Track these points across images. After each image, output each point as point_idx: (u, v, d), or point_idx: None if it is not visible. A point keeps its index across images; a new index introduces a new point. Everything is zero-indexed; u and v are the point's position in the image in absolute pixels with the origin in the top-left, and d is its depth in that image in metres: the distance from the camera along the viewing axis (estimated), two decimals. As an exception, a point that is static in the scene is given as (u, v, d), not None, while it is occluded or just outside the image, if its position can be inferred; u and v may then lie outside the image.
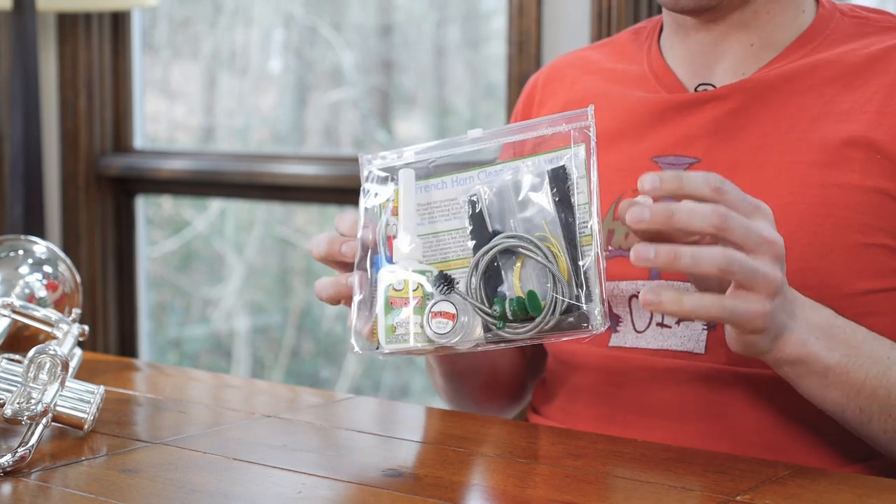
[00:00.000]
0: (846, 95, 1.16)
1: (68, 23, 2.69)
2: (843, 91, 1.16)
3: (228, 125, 3.01)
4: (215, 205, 3.12)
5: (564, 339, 0.97)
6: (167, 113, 3.06)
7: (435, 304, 0.99)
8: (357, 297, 1.05)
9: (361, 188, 1.07)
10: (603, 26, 2.02)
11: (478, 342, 0.99)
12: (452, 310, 0.98)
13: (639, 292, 1.17)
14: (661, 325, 1.16)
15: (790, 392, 1.13)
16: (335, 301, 1.11)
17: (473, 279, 0.99)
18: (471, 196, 1.01)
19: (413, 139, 2.83)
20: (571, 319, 0.96)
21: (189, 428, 1.11)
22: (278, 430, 1.11)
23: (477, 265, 0.99)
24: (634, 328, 1.18)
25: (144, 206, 2.86)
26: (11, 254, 1.28)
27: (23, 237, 1.31)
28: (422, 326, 1.00)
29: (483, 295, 0.99)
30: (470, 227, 1.01)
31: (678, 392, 1.15)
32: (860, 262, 1.11)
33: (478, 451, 1.02)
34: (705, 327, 1.14)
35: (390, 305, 1.01)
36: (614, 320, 1.19)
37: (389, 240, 1.03)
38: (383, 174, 1.06)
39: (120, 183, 2.78)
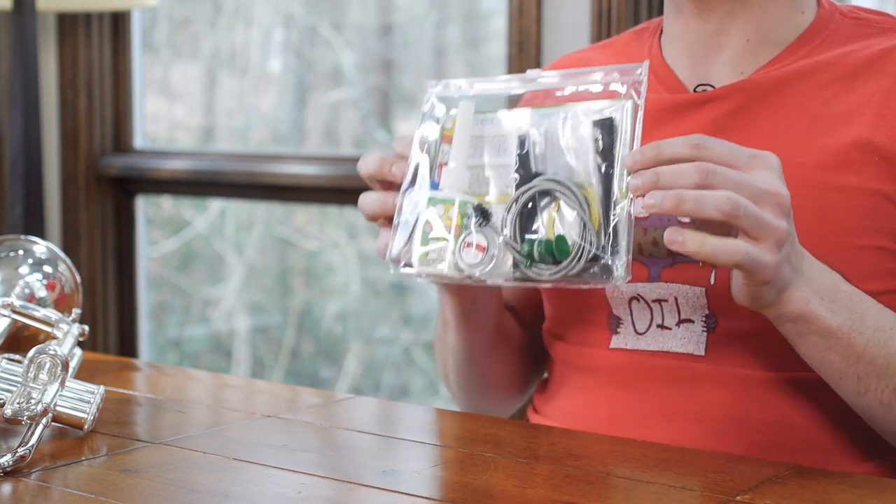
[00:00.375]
0: (845, 97, 1.16)
1: (68, 23, 2.69)
2: (842, 93, 1.16)
3: (228, 125, 3.01)
4: (215, 205, 3.12)
5: (586, 286, 0.99)
6: (167, 113, 3.06)
7: (468, 234, 1.02)
8: (399, 218, 1.07)
9: (421, 112, 1.10)
10: (603, 26, 2.02)
11: (505, 277, 1.02)
12: (484, 242, 1.02)
13: (638, 294, 1.17)
14: (661, 326, 1.16)
15: (790, 393, 1.13)
16: (375, 217, 1.13)
17: (509, 215, 1.02)
18: (520, 135, 1.04)
19: (413, 139, 2.83)
20: (595, 269, 0.98)
21: (189, 428, 1.11)
22: (278, 430, 1.11)
23: (516, 201, 1.02)
24: (635, 330, 1.18)
25: (144, 206, 2.86)
26: (11, 254, 1.28)
27: (23, 237, 1.31)
28: (454, 254, 1.03)
29: (516, 232, 1.01)
30: (515, 165, 1.03)
31: (678, 393, 1.15)
32: (859, 264, 1.11)
33: (478, 451, 1.02)
34: (705, 329, 1.14)
35: (427, 230, 1.04)
36: (615, 322, 1.19)
37: (441, 166, 1.06)
38: (443, 102, 1.09)
39: (120, 183, 2.78)
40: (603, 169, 0.99)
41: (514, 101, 1.17)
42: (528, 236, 1.01)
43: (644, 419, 1.17)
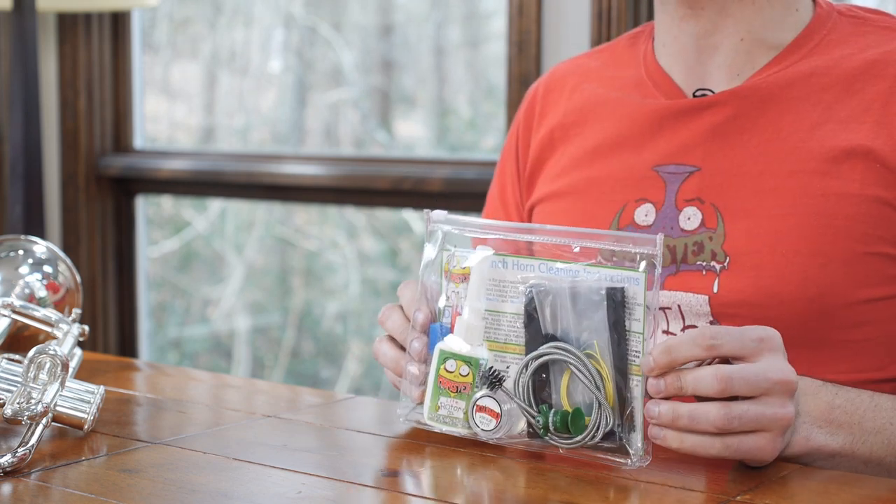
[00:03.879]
0: (845, 102, 1.16)
1: (68, 23, 2.69)
2: (842, 97, 1.16)
3: (228, 125, 3.01)
4: (215, 205, 3.12)
5: (602, 459, 0.98)
6: (167, 113, 3.06)
7: (480, 398, 1.01)
8: (410, 367, 1.06)
9: (425, 244, 1.08)
10: (603, 26, 2.02)
11: (520, 436, 1.01)
12: (497, 408, 1.01)
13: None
14: (666, 332, 1.16)
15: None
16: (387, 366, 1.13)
17: (522, 380, 1.00)
18: (528, 288, 1.01)
19: (413, 139, 2.83)
20: (612, 445, 0.97)
21: (189, 428, 1.11)
22: (278, 430, 1.11)
23: (527, 367, 1.00)
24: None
25: (144, 206, 2.86)
26: (11, 254, 1.28)
27: (23, 237, 1.31)
28: (465, 413, 1.02)
29: (530, 396, 1.00)
30: (525, 321, 1.01)
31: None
32: (860, 271, 1.11)
33: (478, 452, 1.02)
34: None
35: (439, 385, 1.03)
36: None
37: (454, 314, 1.04)
38: (449, 237, 1.07)
39: (120, 183, 2.78)
40: (615, 341, 0.97)
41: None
42: (542, 406, 0.99)
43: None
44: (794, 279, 1.11)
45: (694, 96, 1.22)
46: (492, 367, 1.02)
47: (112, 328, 2.78)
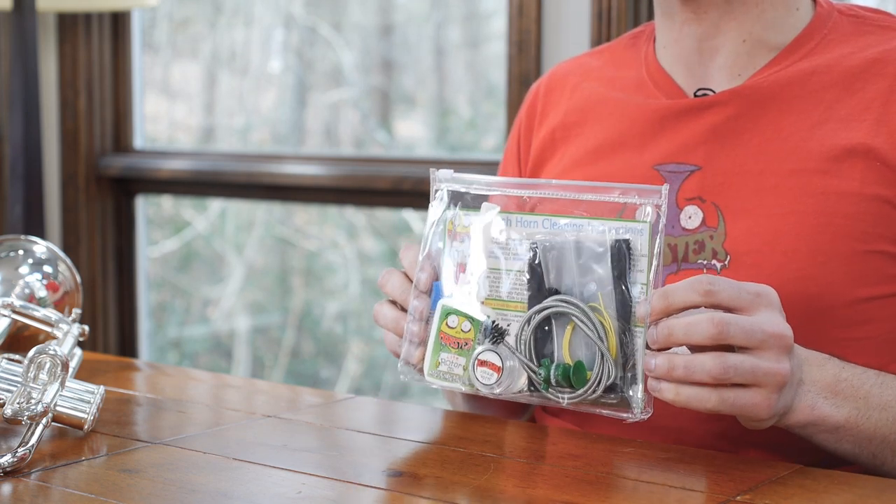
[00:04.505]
0: (845, 101, 1.16)
1: (68, 23, 2.69)
2: (842, 96, 1.16)
3: (228, 125, 3.01)
4: (215, 205, 3.12)
5: (604, 413, 0.98)
6: (167, 113, 3.06)
7: (482, 352, 1.01)
8: (411, 325, 1.06)
9: (431, 203, 1.07)
10: (603, 26, 2.02)
11: (520, 392, 1.01)
12: (499, 362, 1.00)
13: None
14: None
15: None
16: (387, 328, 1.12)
17: (524, 334, 1.00)
18: (532, 244, 1.01)
19: (413, 139, 2.83)
20: (613, 399, 0.97)
21: (189, 428, 1.11)
22: (278, 430, 1.11)
23: (529, 321, 1.00)
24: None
25: (144, 206, 2.86)
26: (11, 254, 1.28)
27: (23, 237, 1.31)
28: (465, 369, 1.02)
29: (532, 351, 1.00)
30: (527, 277, 1.01)
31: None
32: (860, 269, 1.11)
33: (478, 451, 1.02)
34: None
35: (440, 341, 1.03)
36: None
37: (461, 267, 1.04)
38: (453, 195, 1.07)
39: (120, 183, 2.78)
40: (619, 293, 0.97)
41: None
42: (544, 359, 0.99)
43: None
44: (794, 277, 1.11)
45: (695, 96, 1.22)
46: (494, 322, 1.01)
47: (112, 328, 2.78)
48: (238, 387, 1.40)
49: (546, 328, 1.00)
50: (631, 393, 0.97)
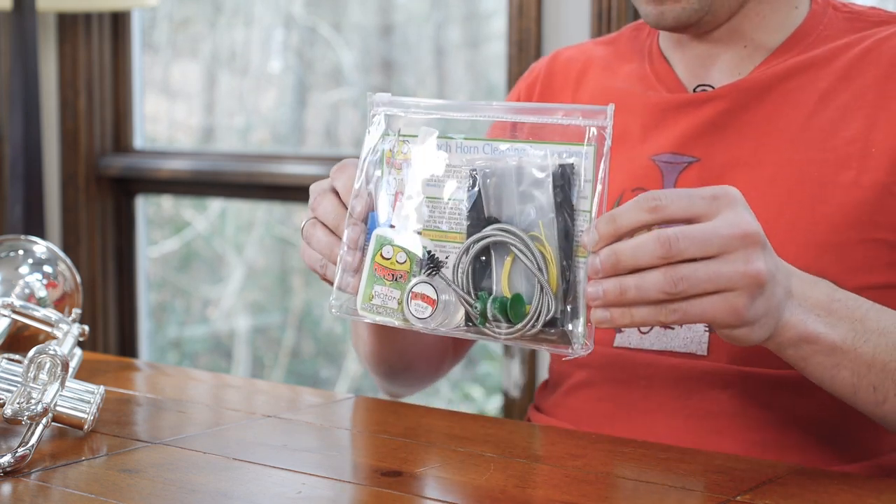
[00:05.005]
0: (841, 91, 1.16)
1: (68, 23, 2.69)
2: (838, 86, 1.17)
3: (228, 125, 3.01)
4: (215, 205, 3.12)
5: (543, 349, 0.92)
6: (167, 113, 3.06)
7: (416, 284, 0.95)
8: (346, 255, 1.01)
9: (368, 129, 1.02)
10: (603, 26, 2.02)
11: (456, 328, 0.95)
12: (433, 294, 0.94)
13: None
14: (664, 325, 1.17)
15: (791, 392, 1.13)
16: (315, 259, 1.06)
17: (461, 265, 0.94)
18: (471, 171, 0.95)
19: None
20: (554, 334, 0.92)
21: (189, 428, 1.11)
22: (278, 430, 1.11)
23: (467, 251, 0.94)
24: (639, 329, 1.18)
25: (144, 206, 2.86)
26: (11, 254, 1.28)
27: (23, 237, 1.31)
28: (400, 303, 0.96)
29: (469, 283, 0.94)
30: (467, 205, 0.95)
31: (680, 392, 1.15)
32: (858, 258, 1.12)
33: (478, 451, 1.02)
34: (707, 329, 1.15)
35: (374, 272, 0.97)
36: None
37: (397, 195, 0.98)
38: (390, 120, 1.01)
39: (120, 183, 2.78)
40: (561, 222, 0.91)
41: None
42: (481, 292, 0.93)
43: (646, 417, 1.17)
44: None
45: (695, 91, 1.23)
46: (431, 252, 0.96)
47: (112, 328, 2.78)
48: (238, 387, 1.40)
49: (485, 259, 0.94)
50: (571, 327, 0.91)
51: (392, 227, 0.99)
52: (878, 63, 1.16)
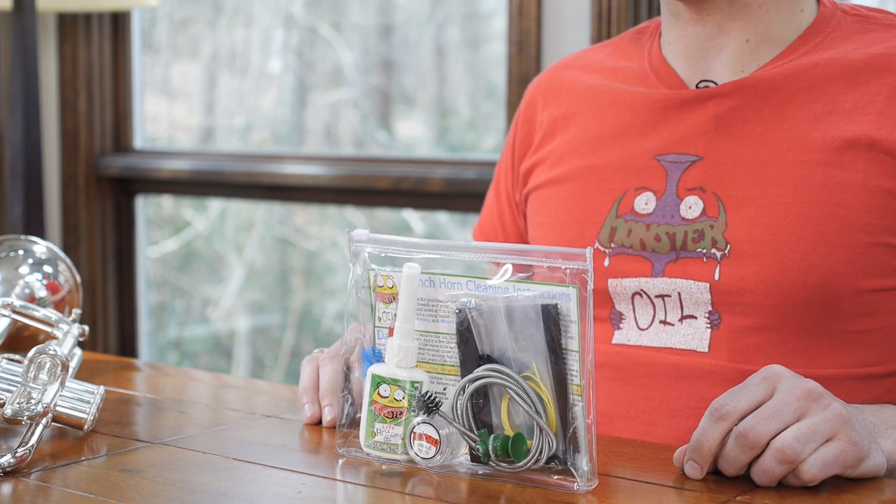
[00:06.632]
0: (849, 94, 1.16)
1: (68, 23, 2.69)
2: (846, 89, 1.16)
3: (228, 125, 3.01)
4: (215, 205, 3.12)
5: (550, 484, 0.93)
6: (167, 113, 3.06)
7: (418, 425, 0.97)
8: (345, 391, 1.04)
9: (350, 264, 1.02)
10: (603, 26, 2.02)
11: (462, 462, 0.97)
12: (435, 434, 0.96)
13: (641, 289, 1.17)
14: (664, 322, 1.16)
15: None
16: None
17: (459, 402, 0.96)
18: (458, 307, 0.96)
19: (413, 139, 2.83)
20: (558, 471, 0.93)
21: (189, 428, 1.11)
22: (278, 430, 1.11)
23: (463, 390, 0.95)
24: (638, 326, 1.18)
25: (144, 206, 2.86)
26: (11, 254, 1.28)
27: (23, 237, 1.31)
28: (404, 441, 0.98)
29: (469, 419, 0.96)
30: (458, 341, 0.97)
31: (681, 389, 1.15)
32: (864, 261, 1.11)
33: (478, 451, 1.02)
34: (708, 326, 1.15)
35: (373, 411, 0.99)
36: (617, 317, 1.19)
37: (390, 331, 1.00)
38: (373, 257, 1.01)
39: (120, 183, 2.78)
40: (553, 362, 0.92)
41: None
42: (482, 430, 0.95)
43: (646, 415, 1.17)
44: (795, 267, 1.11)
45: (697, 87, 1.23)
46: (427, 392, 0.97)
47: (112, 328, 2.78)
48: (238, 387, 1.40)
49: (482, 398, 0.95)
50: (574, 463, 0.93)
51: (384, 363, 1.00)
52: (888, 69, 1.16)
